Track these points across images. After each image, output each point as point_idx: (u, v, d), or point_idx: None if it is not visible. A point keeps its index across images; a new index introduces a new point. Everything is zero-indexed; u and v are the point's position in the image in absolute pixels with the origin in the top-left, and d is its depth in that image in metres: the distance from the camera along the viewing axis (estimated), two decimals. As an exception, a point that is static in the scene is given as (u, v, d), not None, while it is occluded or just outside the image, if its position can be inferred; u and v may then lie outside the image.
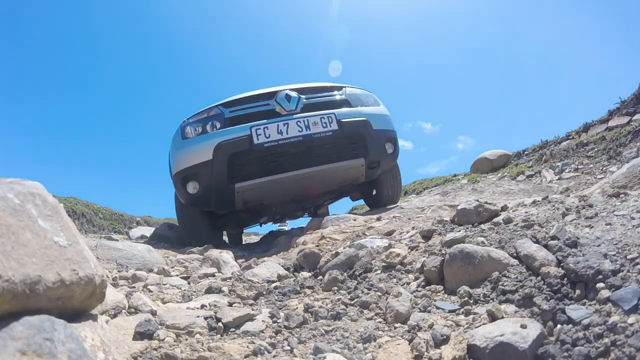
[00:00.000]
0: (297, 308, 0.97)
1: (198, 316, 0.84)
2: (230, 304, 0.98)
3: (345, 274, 1.19)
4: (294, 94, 2.85)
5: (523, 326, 0.68)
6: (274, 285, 1.21)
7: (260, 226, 5.29)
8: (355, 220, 2.25)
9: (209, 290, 1.11)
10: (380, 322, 0.86)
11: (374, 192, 3.62)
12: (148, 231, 4.98)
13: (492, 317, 0.76)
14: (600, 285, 0.73)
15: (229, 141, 2.65)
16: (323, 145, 2.78)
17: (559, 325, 0.69)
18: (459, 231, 1.23)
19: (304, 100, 2.88)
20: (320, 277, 1.25)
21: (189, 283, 1.26)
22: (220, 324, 0.83)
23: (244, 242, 5.12)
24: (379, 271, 1.16)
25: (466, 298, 0.87)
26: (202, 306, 0.94)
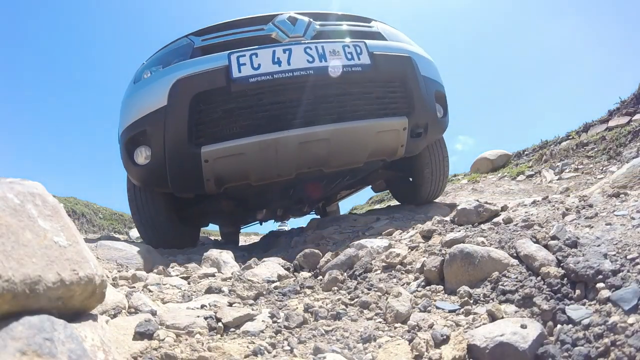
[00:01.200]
0: (297, 308, 0.97)
1: (198, 316, 0.84)
2: (230, 304, 0.98)
3: (345, 274, 1.19)
4: (302, 17, 1.93)
5: (523, 326, 0.68)
6: (274, 285, 1.21)
7: (261, 224, 4.51)
8: (355, 220, 2.25)
9: (209, 290, 1.10)
10: (380, 322, 0.86)
11: (406, 180, 2.58)
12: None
13: (492, 317, 0.76)
14: (600, 285, 0.73)
15: (193, 76, 1.70)
16: (346, 88, 1.83)
17: (559, 325, 0.69)
18: (459, 231, 1.23)
19: (317, 26, 1.94)
20: (320, 277, 1.25)
21: (189, 283, 1.26)
22: (220, 324, 0.83)
23: (245, 243, 4.96)
24: (379, 271, 1.16)
25: (466, 298, 0.87)
26: (202, 306, 0.94)
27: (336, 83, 1.79)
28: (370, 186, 3.19)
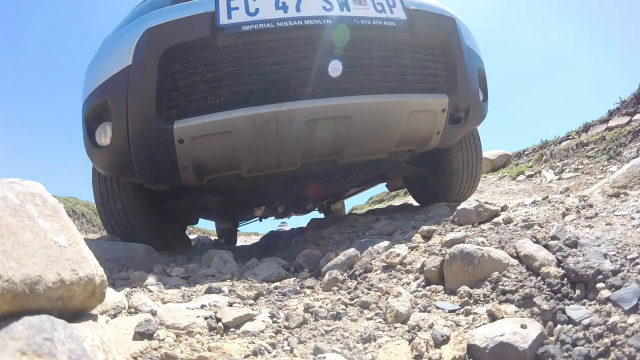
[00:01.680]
0: (297, 308, 0.97)
1: (198, 316, 0.84)
2: (230, 304, 0.98)
3: (345, 274, 1.19)
4: None
5: (523, 326, 0.68)
6: (274, 285, 1.21)
7: (260, 221, 4.14)
8: (355, 220, 2.25)
9: (209, 290, 1.11)
10: (380, 322, 0.86)
11: (426, 178, 2.18)
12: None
13: (492, 317, 0.76)
14: (600, 285, 0.73)
15: (167, 24, 1.29)
16: (374, 50, 1.40)
17: (559, 325, 0.69)
18: (459, 231, 1.23)
19: None
20: (320, 277, 1.25)
21: (189, 283, 1.26)
22: (220, 324, 0.83)
23: (245, 243, 4.88)
24: (379, 271, 1.16)
25: (466, 298, 0.87)
26: (202, 306, 0.94)
27: (361, 41, 1.35)
28: (380, 184, 2.71)
